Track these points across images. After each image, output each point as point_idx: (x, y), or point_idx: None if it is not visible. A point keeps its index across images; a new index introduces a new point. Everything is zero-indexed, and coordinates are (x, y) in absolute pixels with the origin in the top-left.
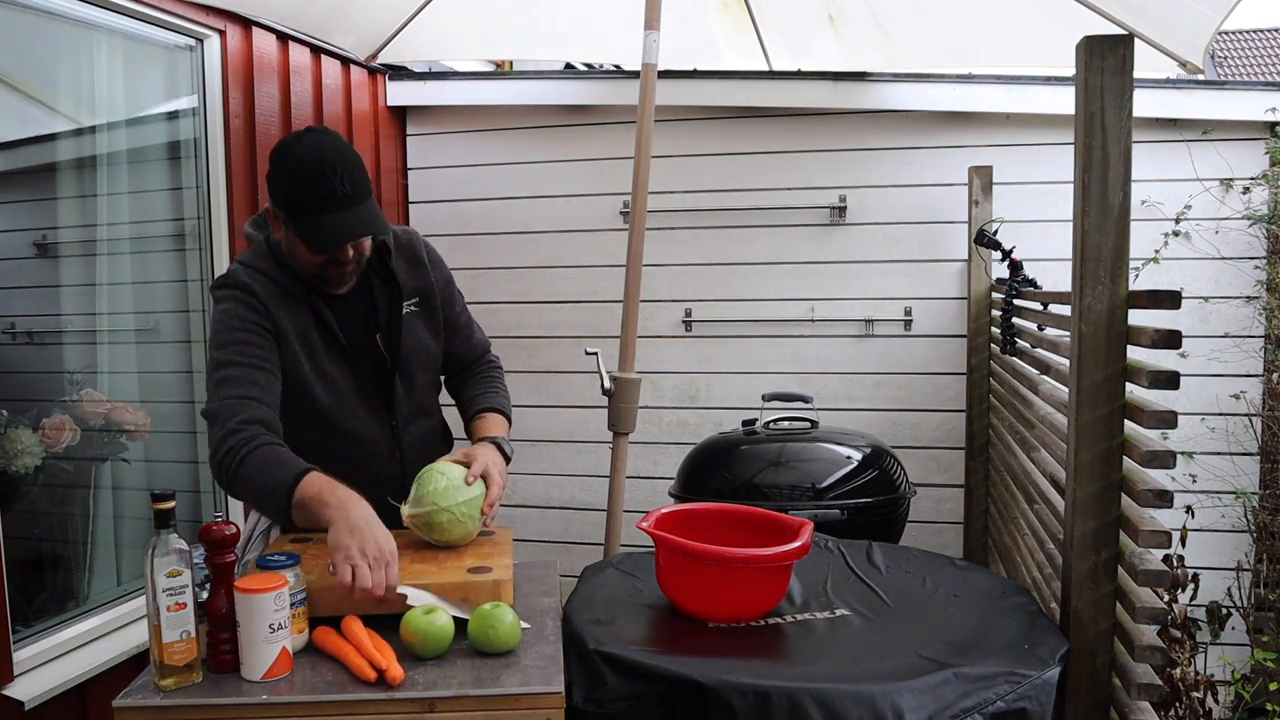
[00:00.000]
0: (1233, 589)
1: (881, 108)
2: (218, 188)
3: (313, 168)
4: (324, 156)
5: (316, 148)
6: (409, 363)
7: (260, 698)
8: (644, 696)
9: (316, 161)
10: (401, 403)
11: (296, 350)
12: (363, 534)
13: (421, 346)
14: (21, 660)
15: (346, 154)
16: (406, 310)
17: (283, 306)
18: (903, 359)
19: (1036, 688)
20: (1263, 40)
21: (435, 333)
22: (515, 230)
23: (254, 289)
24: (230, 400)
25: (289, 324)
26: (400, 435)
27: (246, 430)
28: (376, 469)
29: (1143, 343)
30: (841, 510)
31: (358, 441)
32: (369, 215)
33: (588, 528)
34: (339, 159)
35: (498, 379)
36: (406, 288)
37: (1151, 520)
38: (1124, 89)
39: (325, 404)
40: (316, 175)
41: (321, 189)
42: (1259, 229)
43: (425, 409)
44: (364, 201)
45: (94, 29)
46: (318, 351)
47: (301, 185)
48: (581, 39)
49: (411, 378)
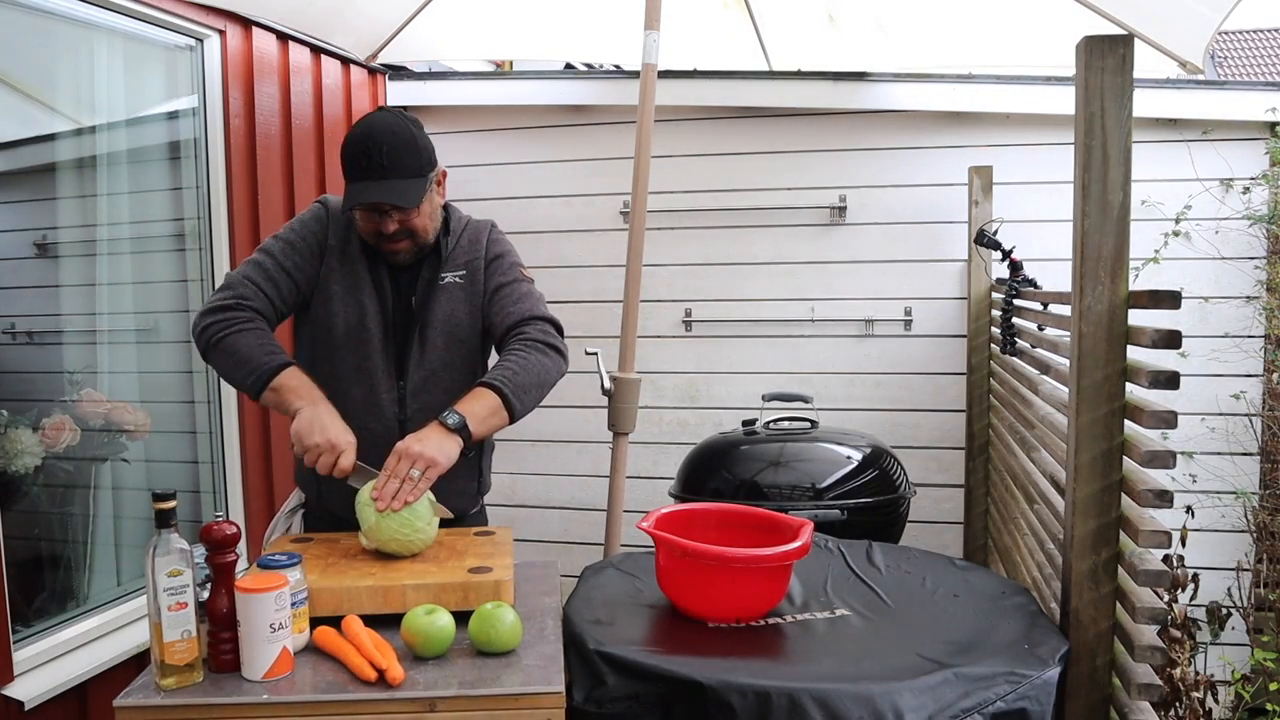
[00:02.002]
0: (1233, 589)
1: (881, 108)
2: (218, 188)
3: (358, 139)
4: (373, 131)
5: (370, 122)
6: (430, 325)
7: (261, 697)
8: (644, 696)
9: (363, 134)
10: (414, 364)
11: (337, 269)
12: (323, 425)
13: (451, 316)
14: (21, 660)
15: (400, 133)
16: (450, 279)
17: (347, 231)
18: (903, 359)
19: (1036, 688)
20: (1263, 40)
21: (472, 308)
22: (515, 230)
23: (331, 206)
24: (249, 281)
25: (344, 247)
26: (407, 400)
27: (245, 311)
28: (375, 425)
29: (1143, 343)
30: (841, 510)
31: (367, 385)
32: (394, 188)
33: (588, 528)
34: (387, 136)
35: (518, 351)
36: (457, 260)
37: (1151, 520)
38: (1124, 89)
39: (347, 329)
40: (359, 145)
41: (358, 158)
42: (1259, 229)
43: (444, 386)
44: (399, 177)
45: (94, 29)
46: (361, 284)
47: (346, 152)
48: (581, 39)
49: (430, 342)
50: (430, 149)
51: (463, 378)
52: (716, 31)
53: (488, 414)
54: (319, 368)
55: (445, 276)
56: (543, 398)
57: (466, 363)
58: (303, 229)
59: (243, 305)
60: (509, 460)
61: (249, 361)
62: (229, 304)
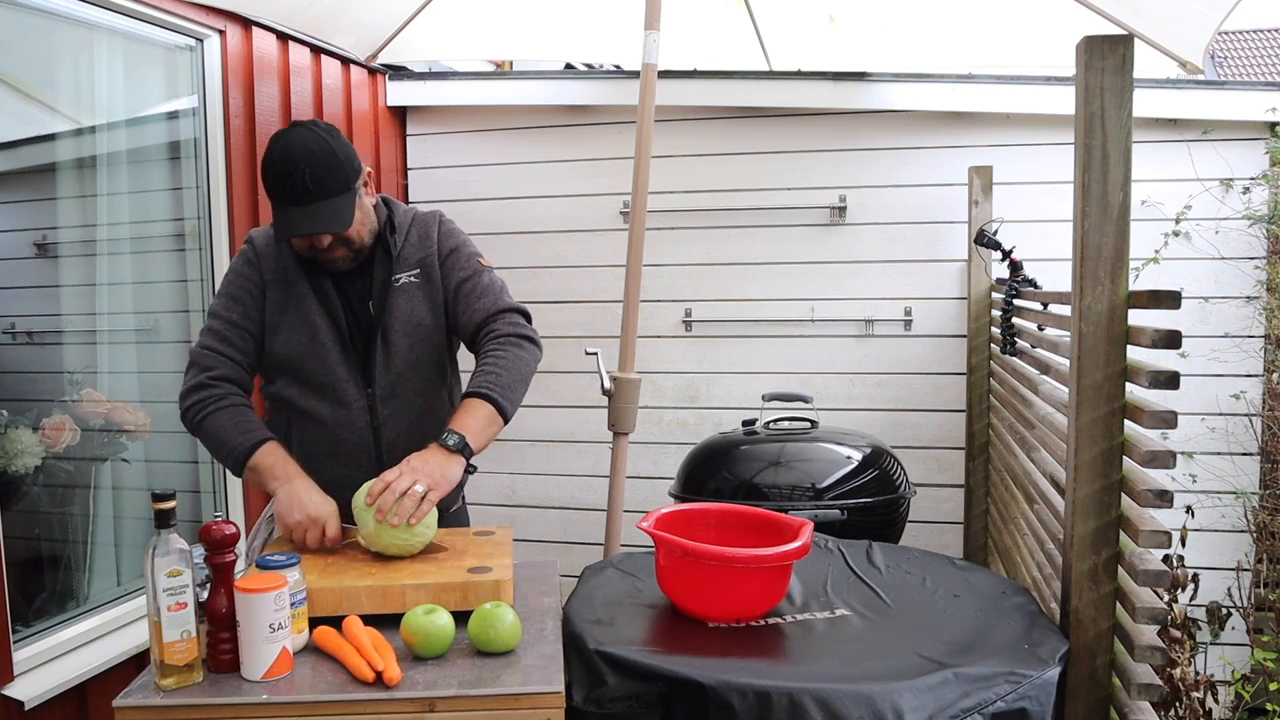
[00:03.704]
0: (1233, 589)
1: (881, 108)
2: (218, 188)
3: (277, 163)
4: (291, 153)
5: (288, 144)
6: (392, 330)
7: (260, 697)
8: (644, 696)
9: (282, 158)
10: (380, 370)
11: (284, 299)
12: (301, 501)
13: (411, 316)
14: (21, 660)
15: (319, 152)
16: (404, 280)
17: (279, 259)
18: (903, 359)
19: (1036, 688)
20: (1263, 40)
21: (433, 305)
22: (515, 230)
23: (256, 241)
24: (208, 351)
25: (281, 275)
26: (377, 407)
27: (219, 388)
28: (349, 436)
29: (1143, 343)
30: (841, 510)
31: (334, 400)
32: (325, 213)
33: (588, 528)
34: (306, 157)
35: (497, 353)
36: (410, 260)
37: (1151, 520)
38: (1124, 89)
39: (302, 351)
40: (279, 170)
41: (281, 183)
42: (1259, 229)
43: (414, 388)
44: (326, 199)
45: (94, 29)
46: (304, 304)
47: (267, 178)
48: (581, 39)
49: (394, 345)
50: (351, 156)
51: (431, 376)
52: (716, 31)
53: (484, 425)
54: (283, 393)
55: (400, 278)
56: (526, 390)
57: (433, 361)
58: (237, 279)
59: (212, 382)
60: (509, 460)
61: (225, 444)
62: (199, 383)
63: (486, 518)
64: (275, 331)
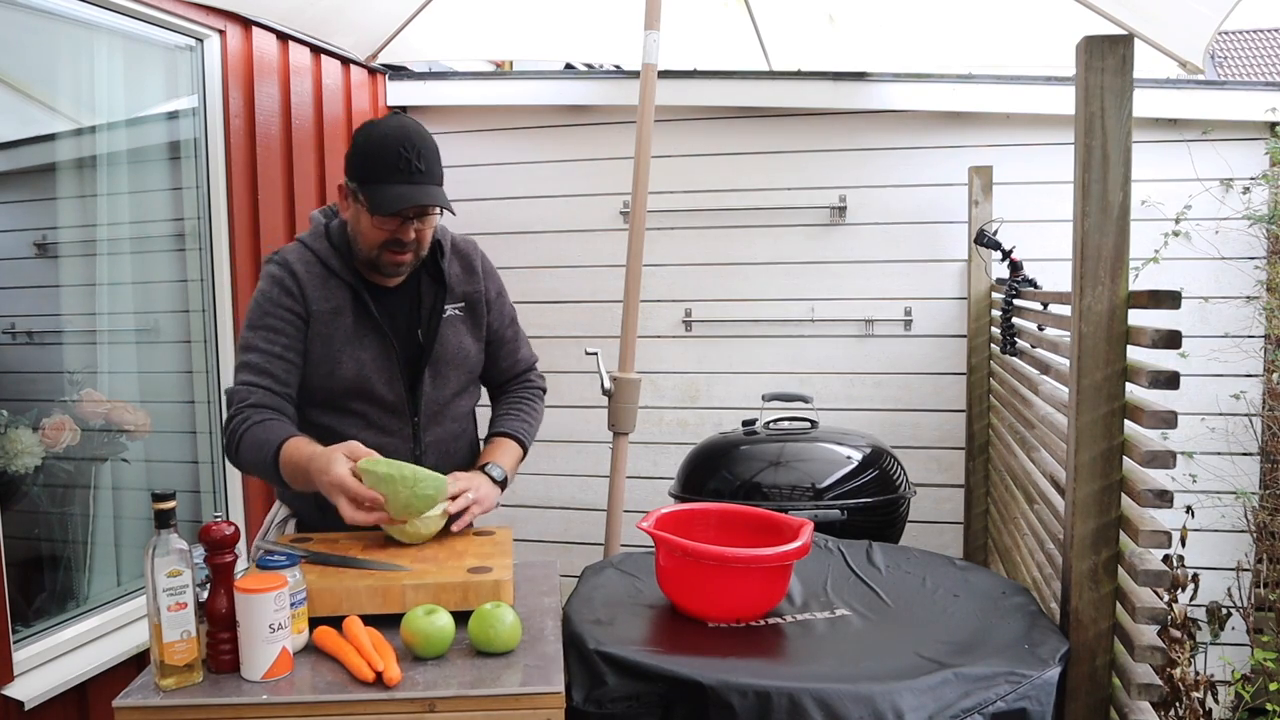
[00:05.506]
0: (1233, 589)
1: (881, 108)
2: (218, 188)
3: (393, 139)
4: (407, 132)
5: (402, 125)
6: (442, 360)
7: (260, 698)
8: (644, 696)
9: (398, 134)
10: (427, 399)
11: (329, 330)
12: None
13: (459, 349)
14: (21, 660)
15: (428, 139)
16: (451, 311)
17: (323, 286)
18: (903, 359)
19: (1036, 688)
20: (1263, 40)
21: (477, 339)
22: (515, 230)
23: (294, 267)
24: (242, 387)
25: (325, 304)
26: (421, 433)
27: (248, 414)
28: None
29: (1143, 343)
30: (841, 510)
31: (378, 427)
32: (437, 193)
33: (588, 528)
34: (420, 139)
35: (530, 401)
36: (455, 290)
37: (1151, 520)
38: (1124, 89)
39: (349, 384)
40: (395, 145)
41: (398, 159)
42: (1259, 229)
43: (453, 415)
44: (435, 183)
45: (94, 29)
46: (351, 335)
47: (380, 152)
48: (581, 39)
49: (443, 376)
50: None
51: (467, 404)
52: (716, 31)
53: (515, 463)
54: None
55: (447, 310)
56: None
57: (470, 390)
58: (275, 309)
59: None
60: None
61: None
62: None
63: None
64: (320, 361)
